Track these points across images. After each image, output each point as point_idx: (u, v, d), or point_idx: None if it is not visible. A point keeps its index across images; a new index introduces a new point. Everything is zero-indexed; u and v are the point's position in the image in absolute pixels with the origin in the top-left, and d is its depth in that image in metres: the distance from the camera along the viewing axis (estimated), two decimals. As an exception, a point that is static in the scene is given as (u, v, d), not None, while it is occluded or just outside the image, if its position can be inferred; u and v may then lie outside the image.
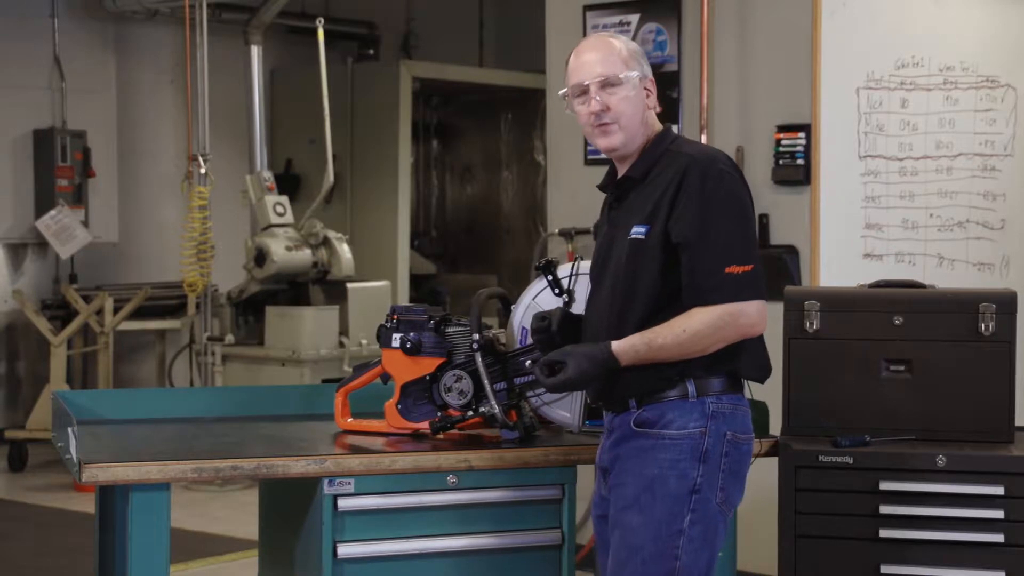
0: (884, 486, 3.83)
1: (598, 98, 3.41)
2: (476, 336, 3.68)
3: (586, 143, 6.14)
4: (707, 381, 3.32)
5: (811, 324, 4.05)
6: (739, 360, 3.35)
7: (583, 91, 3.42)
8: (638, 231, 3.34)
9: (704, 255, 3.27)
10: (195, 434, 3.91)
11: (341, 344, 8.75)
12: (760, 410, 3.95)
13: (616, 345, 3.31)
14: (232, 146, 10.13)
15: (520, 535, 3.66)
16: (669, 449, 3.30)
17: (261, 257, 8.69)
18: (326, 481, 3.47)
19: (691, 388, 3.31)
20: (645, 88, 3.46)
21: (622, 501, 3.35)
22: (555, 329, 3.52)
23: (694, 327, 3.25)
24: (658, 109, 3.53)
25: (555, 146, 6.60)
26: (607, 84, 3.40)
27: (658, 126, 3.51)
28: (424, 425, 3.78)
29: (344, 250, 8.93)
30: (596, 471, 3.53)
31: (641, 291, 3.33)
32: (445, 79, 11.72)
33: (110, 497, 3.84)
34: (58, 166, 9.95)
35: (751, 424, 3.44)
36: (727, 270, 3.25)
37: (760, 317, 3.29)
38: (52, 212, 9.64)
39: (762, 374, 3.44)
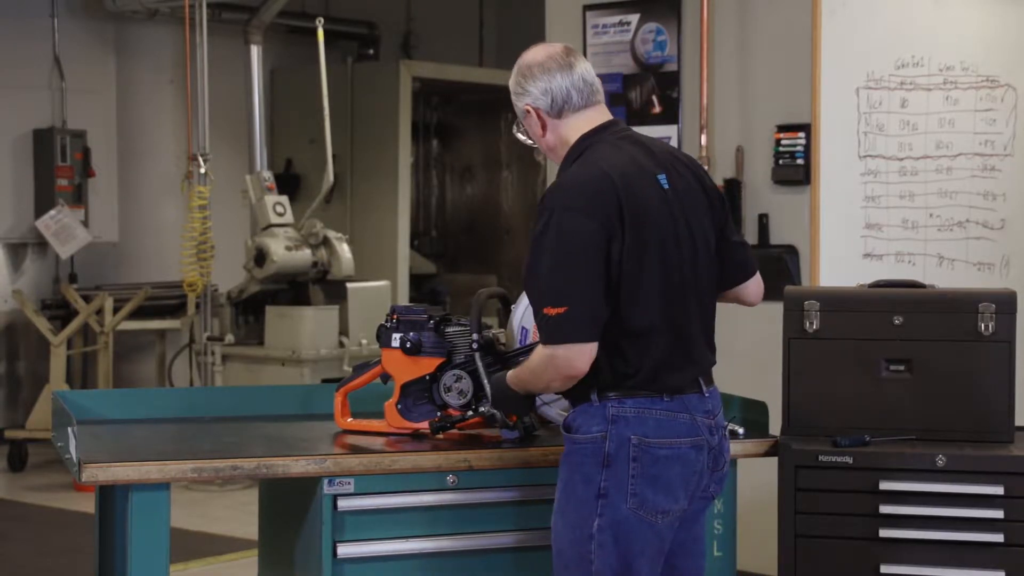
0: (884, 486, 3.83)
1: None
2: (476, 336, 3.68)
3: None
4: (612, 386, 3.31)
5: (811, 324, 4.05)
6: (640, 374, 3.30)
7: None
8: None
9: (531, 295, 3.33)
10: (195, 434, 3.91)
11: (341, 344, 8.75)
12: (760, 410, 3.95)
13: (508, 376, 3.48)
14: (232, 146, 10.13)
15: (520, 535, 3.66)
16: (576, 453, 3.32)
17: (261, 257, 8.68)
18: (326, 481, 3.47)
19: (594, 393, 3.32)
20: (531, 116, 3.47)
21: (553, 505, 3.41)
22: None
23: (529, 367, 3.36)
24: (545, 132, 3.46)
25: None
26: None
27: (572, 141, 3.43)
28: (424, 425, 3.78)
29: (344, 250, 8.93)
30: None
31: None
32: (445, 79, 11.72)
33: (110, 497, 3.83)
34: (58, 166, 9.95)
35: (681, 428, 3.32)
36: (544, 311, 3.24)
37: (574, 360, 3.22)
38: (52, 212, 9.64)
39: (667, 384, 3.32)
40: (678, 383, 3.35)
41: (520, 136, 3.57)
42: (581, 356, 3.24)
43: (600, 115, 3.44)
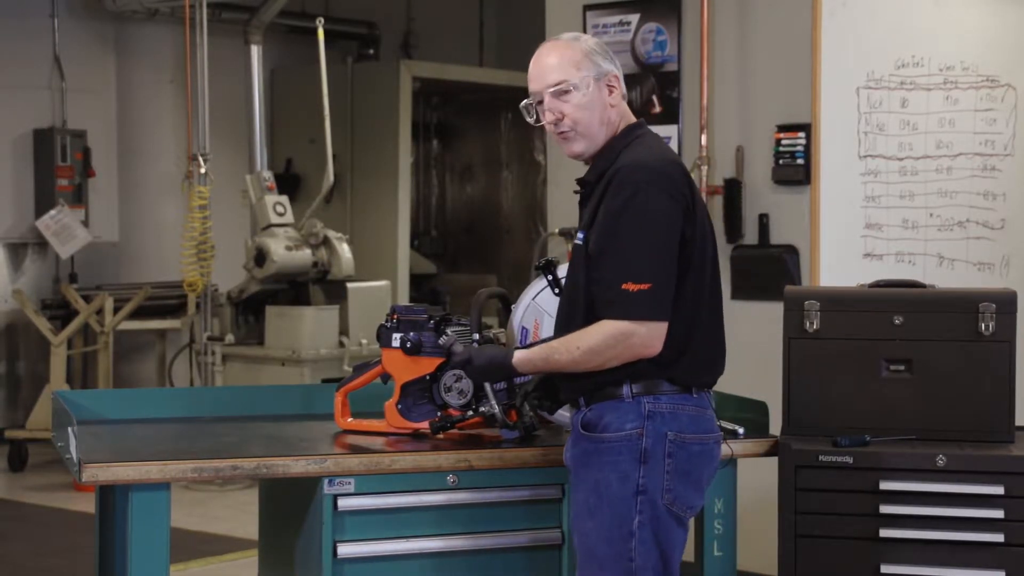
0: (884, 486, 3.83)
1: (551, 109, 3.40)
2: (476, 336, 3.68)
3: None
4: (647, 381, 3.29)
5: (811, 324, 4.05)
6: (679, 364, 3.31)
7: (539, 100, 3.42)
8: (580, 237, 3.36)
9: (605, 268, 3.25)
10: (195, 434, 3.91)
11: (341, 344, 8.75)
12: (760, 410, 3.95)
13: (518, 355, 3.38)
14: (232, 146, 10.13)
15: (520, 535, 3.66)
16: (609, 451, 3.29)
17: (261, 257, 8.68)
18: (326, 481, 3.47)
19: (627, 388, 3.29)
20: (608, 85, 3.39)
21: (575, 507, 3.38)
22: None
23: (587, 344, 3.25)
24: (615, 105, 3.41)
25: (555, 146, 6.58)
26: (560, 92, 3.38)
27: (624, 122, 3.43)
28: (424, 425, 3.78)
29: (344, 250, 8.93)
30: None
31: (580, 298, 3.33)
32: (445, 79, 11.72)
33: (110, 497, 3.84)
34: (58, 166, 9.95)
35: (708, 424, 3.37)
36: (623, 286, 3.20)
37: (652, 338, 3.22)
38: (52, 212, 9.64)
39: (701, 380, 3.37)
40: (706, 380, 3.39)
41: (545, 103, 3.40)
42: (660, 335, 3.23)
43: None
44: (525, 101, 3.46)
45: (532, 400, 3.61)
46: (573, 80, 3.36)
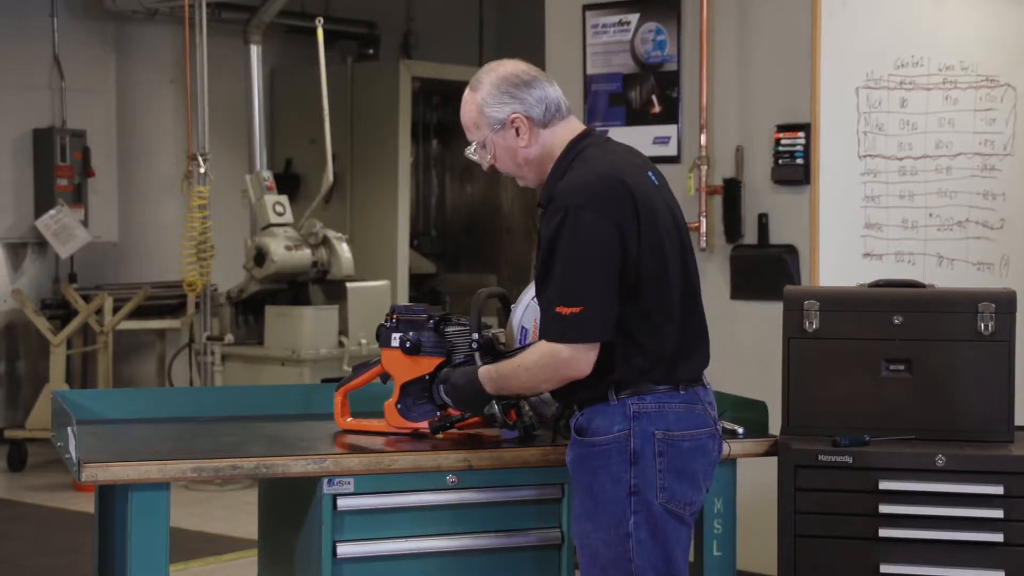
0: (884, 486, 3.83)
1: (483, 160, 3.53)
2: (476, 336, 3.68)
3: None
4: (629, 383, 3.32)
5: (811, 324, 4.05)
6: (658, 366, 3.33)
7: None
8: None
9: (543, 292, 3.33)
10: (195, 434, 3.91)
11: (341, 344, 8.75)
12: (760, 410, 3.95)
13: (480, 371, 3.49)
14: (232, 146, 10.13)
15: (520, 535, 3.66)
16: (599, 455, 3.32)
17: (261, 257, 8.69)
18: (326, 481, 3.47)
19: (611, 391, 3.32)
20: (513, 128, 3.42)
21: (574, 511, 3.42)
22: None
23: (525, 364, 3.35)
24: (527, 144, 3.42)
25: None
26: (477, 149, 3.51)
27: (558, 149, 3.43)
28: (424, 424, 3.78)
29: (344, 250, 8.93)
30: None
31: None
32: (445, 79, 11.72)
33: (110, 497, 3.84)
34: (58, 166, 9.95)
35: (699, 419, 3.38)
36: (557, 309, 3.26)
37: (580, 361, 3.26)
38: (52, 212, 9.64)
39: (682, 376, 3.37)
40: (691, 375, 3.40)
41: (475, 155, 3.53)
42: (588, 358, 3.27)
43: (578, 123, 3.50)
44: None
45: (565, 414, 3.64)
46: (477, 141, 3.49)
